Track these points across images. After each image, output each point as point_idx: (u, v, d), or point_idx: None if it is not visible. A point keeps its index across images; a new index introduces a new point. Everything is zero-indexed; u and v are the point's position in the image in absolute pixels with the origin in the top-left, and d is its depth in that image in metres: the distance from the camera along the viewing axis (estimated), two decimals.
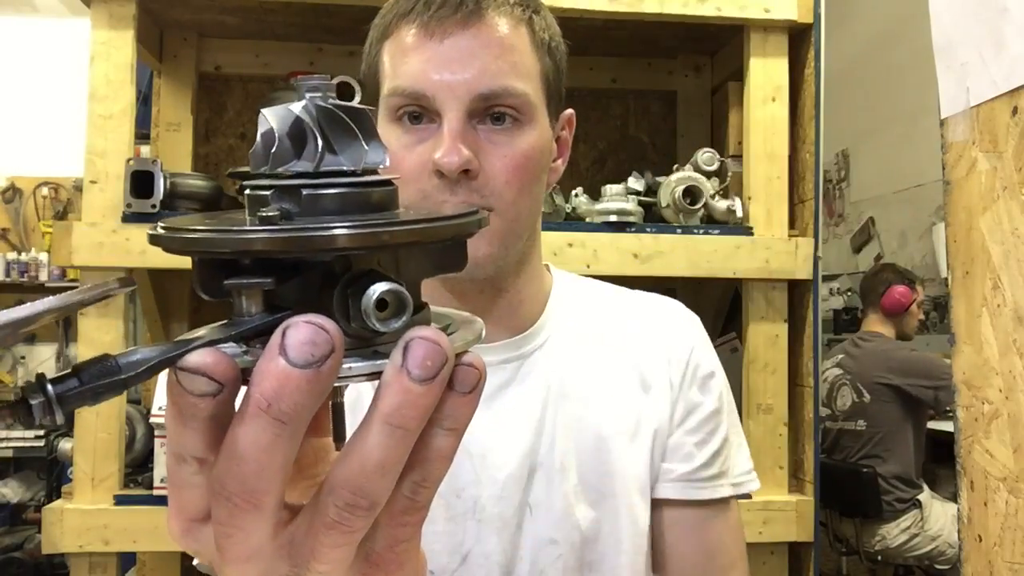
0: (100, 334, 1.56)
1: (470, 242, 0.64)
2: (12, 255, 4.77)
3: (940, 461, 3.37)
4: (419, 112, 0.74)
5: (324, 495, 0.29)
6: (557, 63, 0.80)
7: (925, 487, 3.19)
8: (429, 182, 0.73)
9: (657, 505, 0.83)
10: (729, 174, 1.78)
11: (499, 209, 0.74)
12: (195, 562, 0.73)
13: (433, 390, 0.28)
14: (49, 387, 0.27)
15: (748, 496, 0.88)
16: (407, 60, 0.73)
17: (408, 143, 0.74)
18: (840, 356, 3.31)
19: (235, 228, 0.28)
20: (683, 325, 0.90)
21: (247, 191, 0.32)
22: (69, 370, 0.28)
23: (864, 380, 3.16)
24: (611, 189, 1.73)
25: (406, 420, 0.28)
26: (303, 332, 0.27)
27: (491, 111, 0.74)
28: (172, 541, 0.33)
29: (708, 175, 1.76)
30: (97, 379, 0.28)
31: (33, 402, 0.27)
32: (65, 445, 3.96)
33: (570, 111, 0.85)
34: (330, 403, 0.35)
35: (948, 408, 3.06)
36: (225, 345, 0.29)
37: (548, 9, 0.81)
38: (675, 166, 1.81)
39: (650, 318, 0.89)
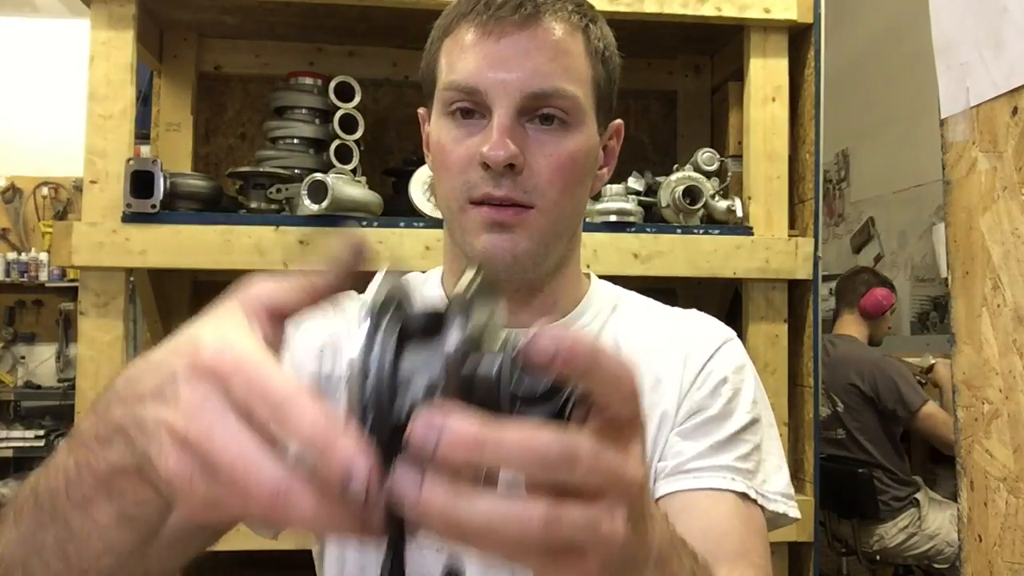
0: (100, 334, 1.56)
1: (512, 237, 0.75)
2: (12, 255, 4.77)
3: (940, 461, 3.37)
4: (471, 107, 0.76)
5: None
6: (610, 72, 0.82)
7: (922, 486, 3.19)
8: (475, 174, 0.75)
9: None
10: (729, 174, 1.78)
11: (541, 207, 0.76)
12: None
13: None
14: None
15: (786, 518, 0.82)
16: (464, 57, 0.76)
17: (458, 136, 0.77)
18: None
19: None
20: (712, 336, 0.87)
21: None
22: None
23: (836, 388, 3.14)
24: (611, 189, 1.73)
25: None
26: None
27: (540, 111, 0.75)
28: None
29: (708, 175, 1.76)
30: None
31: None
32: None
33: (619, 121, 0.86)
34: None
35: (904, 421, 3.06)
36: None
37: (604, 20, 0.83)
38: (675, 166, 1.81)
39: (680, 328, 0.87)
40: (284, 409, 0.35)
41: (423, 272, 0.93)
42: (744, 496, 0.79)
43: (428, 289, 0.88)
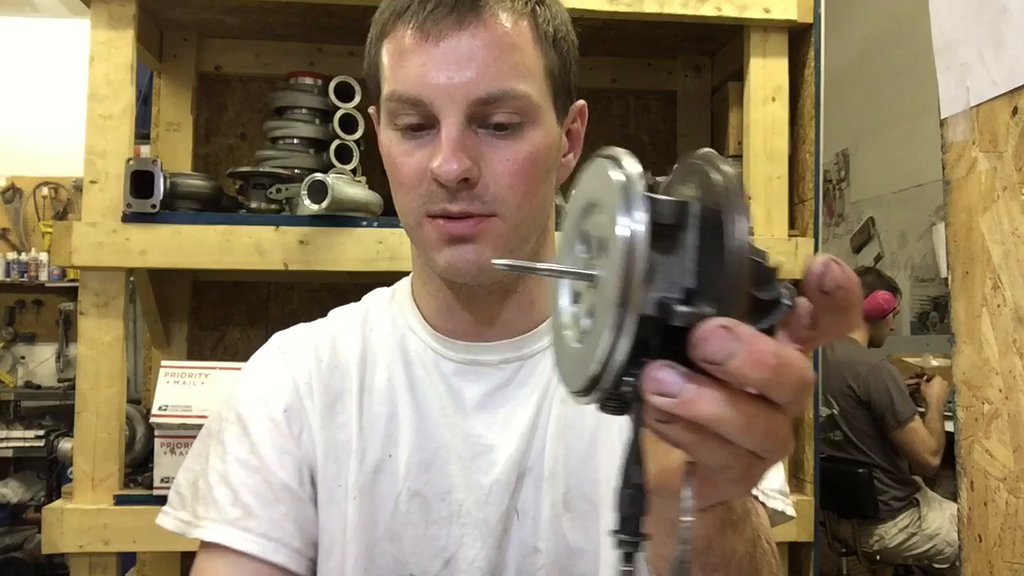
0: (100, 334, 1.56)
1: (474, 248, 0.73)
2: (12, 255, 4.77)
3: (940, 461, 3.37)
4: (418, 121, 0.71)
5: None
6: (564, 55, 0.76)
7: (922, 485, 3.19)
8: (428, 189, 0.71)
9: None
10: None
11: (503, 214, 0.72)
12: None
13: None
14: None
15: (783, 515, 0.81)
16: (404, 63, 0.71)
17: (407, 149, 0.72)
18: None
19: None
20: None
21: None
22: None
23: (833, 390, 3.15)
24: None
25: None
26: None
27: (491, 117, 0.70)
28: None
29: None
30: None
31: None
32: (65, 445, 3.96)
33: (581, 102, 0.82)
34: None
35: (890, 429, 3.06)
36: None
37: None
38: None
39: None
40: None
41: (388, 287, 0.89)
42: None
43: (400, 310, 0.84)
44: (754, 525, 0.53)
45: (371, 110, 0.81)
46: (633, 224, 0.36)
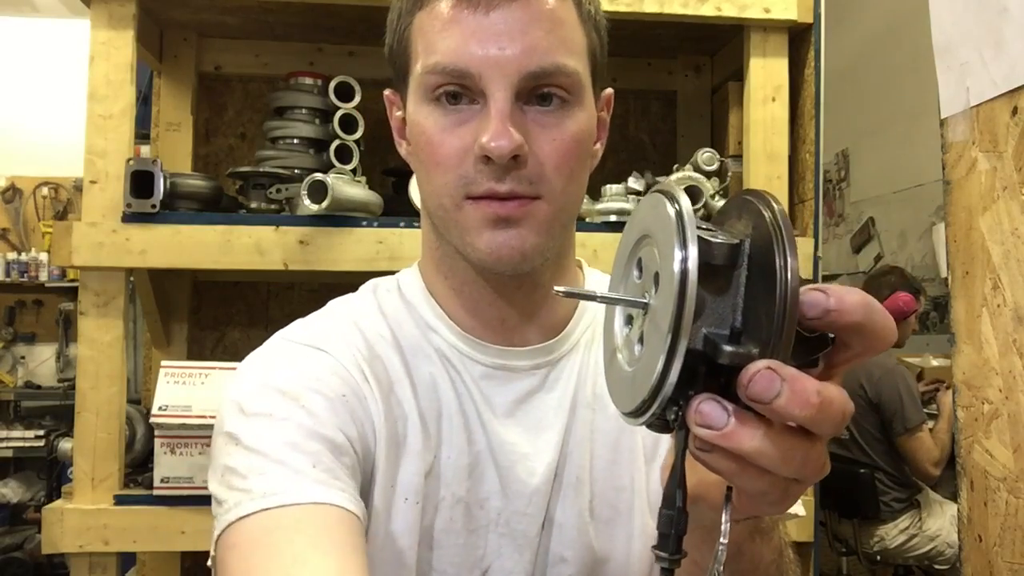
0: (100, 334, 1.56)
1: (518, 232, 0.70)
2: (12, 255, 4.77)
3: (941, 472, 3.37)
4: (459, 91, 0.67)
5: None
6: (601, 38, 0.74)
7: (924, 487, 3.19)
8: (473, 168, 0.67)
9: None
10: (729, 174, 1.78)
11: (548, 197, 0.68)
12: None
13: None
14: None
15: (791, 515, 0.81)
16: (446, 34, 0.66)
17: (447, 125, 0.67)
18: None
19: None
20: None
21: None
22: None
23: (846, 390, 3.14)
24: (611, 189, 1.72)
25: None
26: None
27: (539, 91, 0.67)
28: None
29: (708, 175, 1.76)
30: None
31: None
32: (65, 445, 3.95)
33: (610, 90, 0.79)
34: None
35: (897, 435, 3.06)
36: None
37: None
38: (675, 166, 1.81)
39: None
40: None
41: (394, 273, 0.83)
42: None
43: (415, 306, 0.78)
44: (781, 534, 0.56)
45: (388, 93, 0.77)
46: (687, 260, 0.38)
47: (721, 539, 0.42)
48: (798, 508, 0.79)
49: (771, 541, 0.53)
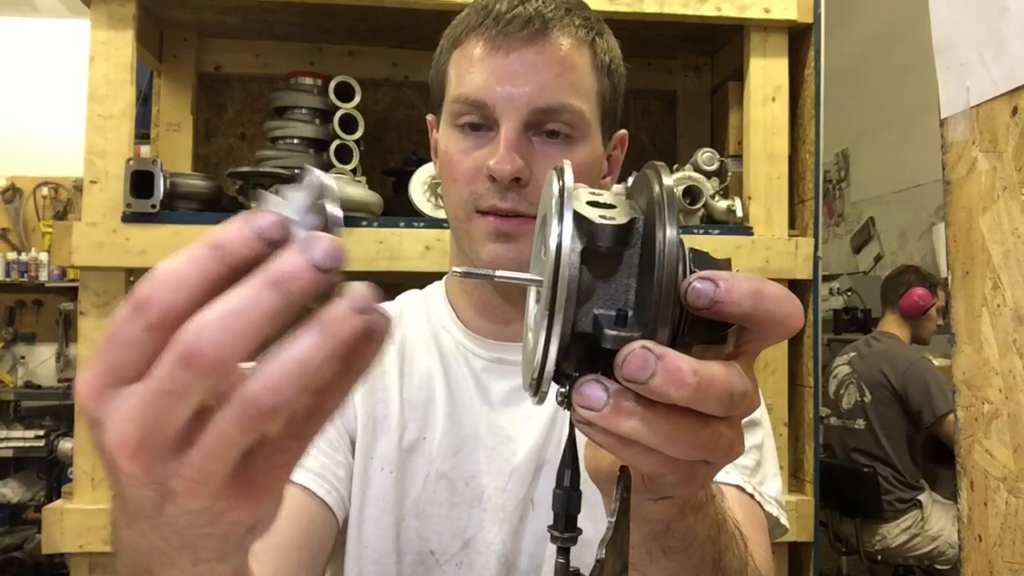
0: (100, 334, 1.56)
1: (517, 247, 0.78)
2: (12, 255, 4.77)
3: (940, 461, 3.38)
4: (479, 121, 0.78)
5: (235, 394, 0.31)
6: (615, 85, 0.84)
7: (926, 487, 3.19)
8: (482, 185, 0.77)
9: None
10: (729, 174, 1.78)
11: None
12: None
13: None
14: None
15: (778, 525, 0.83)
16: (472, 71, 0.78)
17: (465, 148, 0.79)
18: (852, 354, 3.30)
19: None
20: None
21: None
22: None
23: (868, 379, 3.16)
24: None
25: (328, 323, 0.32)
26: None
27: (546, 125, 0.77)
28: (79, 406, 0.34)
29: (708, 175, 1.76)
30: None
31: None
32: (65, 445, 3.96)
33: (623, 131, 0.88)
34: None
35: (927, 424, 3.06)
36: None
37: (611, 32, 0.85)
38: (675, 166, 1.81)
39: None
40: None
41: (420, 289, 0.96)
42: (741, 490, 0.80)
43: (433, 309, 0.91)
44: (719, 508, 0.55)
45: (430, 118, 0.89)
46: (561, 237, 0.38)
47: (608, 517, 0.42)
48: (782, 517, 0.83)
49: (706, 517, 0.52)
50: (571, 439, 0.44)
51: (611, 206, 0.40)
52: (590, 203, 0.40)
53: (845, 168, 5.49)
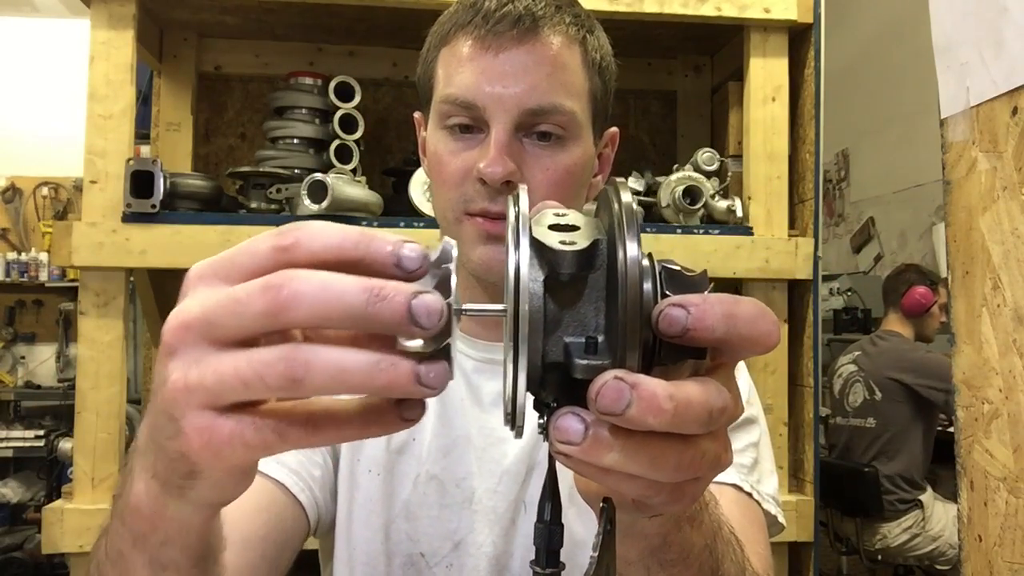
0: (100, 334, 1.56)
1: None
2: (12, 255, 4.77)
3: (941, 461, 3.38)
4: (468, 122, 0.76)
5: (289, 344, 0.34)
6: (606, 83, 0.82)
7: (928, 487, 3.19)
8: (472, 187, 0.75)
9: None
10: (729, 174, 1.78)
11: None
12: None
13: None
14: None
15: (776, 523, 0.83)
16: (461, 70, 0.76)
17: (454, 149, 0.77)
18: (856, 353, 3.30)
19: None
20: None
21: None
22: None
23: (876, 378, 3.16)
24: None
25: None
26: None
27: (537, 127, 0.76)
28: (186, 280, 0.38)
29: (708, 175, 1.76)
30: None
31: None
32: (65, 445, 3.96)
33: (614, 129, 0.87)
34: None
35: (944, 423, 3.07)
36: None
37: (602, 29, 0.83)
38: (675, 166, 1.81)
39: None
40: None
41: None
42: (739, 489, 0.80)
43: None
44: (714, 515, 0.54)
45: (417, 115, 0.87)
46: (520, 266, 0.36)
47: (592, 552, 0.40)
48: (780, 516, 0.83)
49: (700, 526, 0.51)
50: (551, 471, 0.42)
51: (574, 228, 0.38)
52: (552, 226, 0.38)
53: (845, 168, 5.49)
